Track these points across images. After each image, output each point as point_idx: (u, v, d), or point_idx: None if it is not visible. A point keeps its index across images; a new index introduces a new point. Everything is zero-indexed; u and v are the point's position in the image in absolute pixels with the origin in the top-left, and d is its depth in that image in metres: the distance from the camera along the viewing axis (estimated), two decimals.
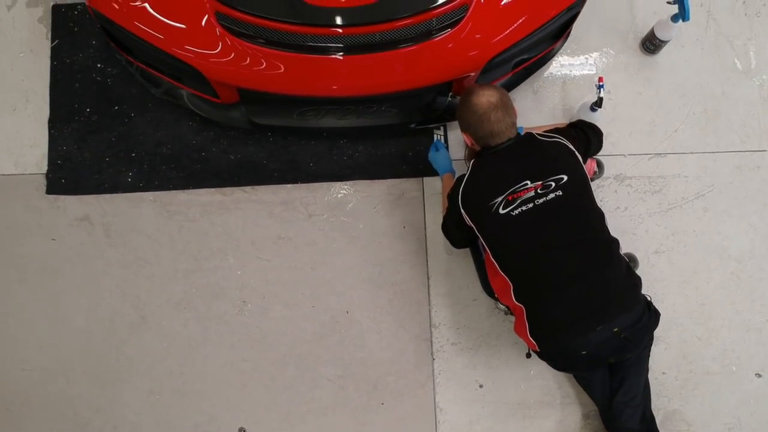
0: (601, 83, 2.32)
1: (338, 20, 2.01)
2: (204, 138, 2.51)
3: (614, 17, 2.63)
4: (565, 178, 1.88)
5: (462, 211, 1.97)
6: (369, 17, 2.01)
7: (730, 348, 2.42)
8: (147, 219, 2.45)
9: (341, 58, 2.06)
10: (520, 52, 2.22)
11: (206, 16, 2.04)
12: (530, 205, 1.87)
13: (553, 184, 1.88)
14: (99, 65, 2.55)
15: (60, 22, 2.58)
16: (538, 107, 2.56)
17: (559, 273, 1.86)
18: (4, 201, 2.47)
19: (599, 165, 2.41)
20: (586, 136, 2.07)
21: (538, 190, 1.88)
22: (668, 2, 2.35)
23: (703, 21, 2.63)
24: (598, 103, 2.31)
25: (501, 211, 1.89)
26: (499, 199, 1.89)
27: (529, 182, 1.89)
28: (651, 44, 2.54)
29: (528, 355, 2.10)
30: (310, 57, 2.06)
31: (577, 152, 1.94)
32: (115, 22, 2.09)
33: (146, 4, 2.07)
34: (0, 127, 2.52)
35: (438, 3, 2.02)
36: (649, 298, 1.95)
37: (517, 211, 1.88)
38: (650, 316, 1.91)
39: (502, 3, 2.09)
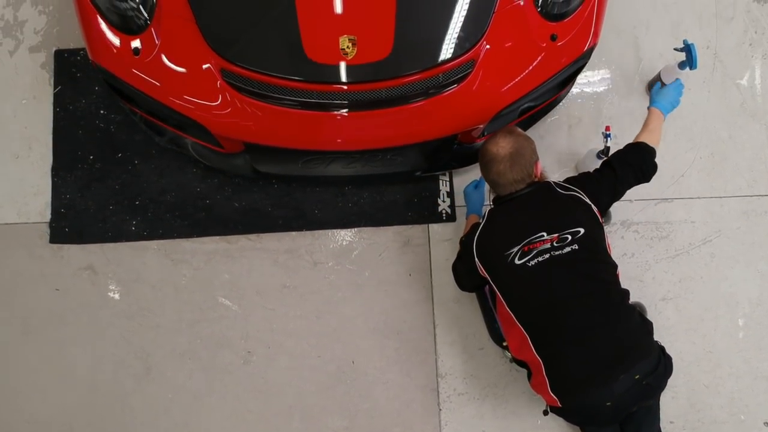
0: (608, 132, 2.31)
1: (343, 78, 1.99)
2: (208, 185, 2.49)
3: (620, 60, 2.61)
4: (582, 231, 1.88)
5: (476, 260, 1.96)
6: (374, 75, 1.99)
7: (738, 397, 2.40)
8: (151, 268, 2.44)
9: (346, 114, 2.05)
10: (526, 102, 2.21)
11: (211, 73, 2.02)
12: (546, 256, 1.87)
13: (570, 237, 1.87)
14: (102, 111, 2.54)
15: (63, 67, 2.57)
16: (544, 152, 2.51)
17: (577, 325, 1.86)
18: (7, 250, 2.46)
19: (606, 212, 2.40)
20: (613, 177, 1.98)
21: (554, 243, 1.87)
22: (675, 49, 2.33)
23: (710, 63, 2.62)
24: (605, 152, 2.30)
25: (517, 262, 1.88)
26: (515, 249, 1.89)
27: (545, 234, 1.88)
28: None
29: (545, 413, 2.08)
30: (316, 113, 2.05)
31: (593, 206, 1.93)
32: (119, 77, 2.08)
33: (151, 60, 2.06)
34: (3, 175, 2.51)
35: (444, 59, 2.01)
36: (660, 343, 1.95)
37: (533, 262, 1.87)
38: (666, 360, 1.93)
39: (509, 57, 2.08)
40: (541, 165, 2.03)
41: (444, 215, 2.49)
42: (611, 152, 2.22)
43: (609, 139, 2.28)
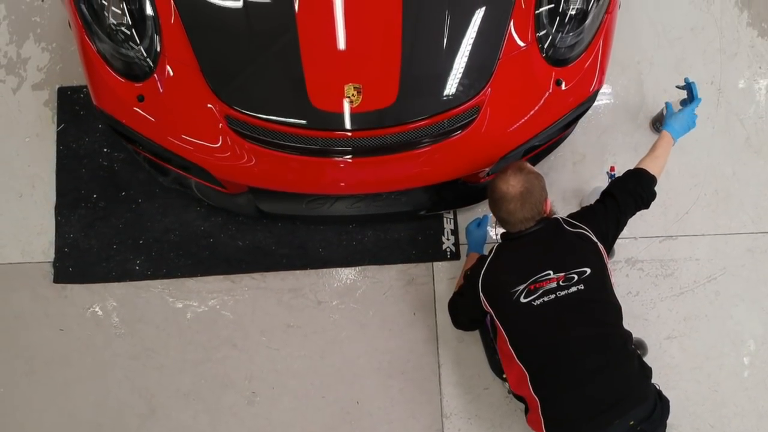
0: (612, 172, 2.32)
1: (348, 125, 1.99)
2: (212, 224, 2.49)
3: (624, 96, 2.61)
4: (588, 271, 1.87)
5: (481, 295, 1.96)
6: (379, 122, 1.99)
7: None
8: (155, 308, 2.43)
9: (350, 160, 2.04)
10: (531, 144, 2.20)
11: (216, 119, 2.02)
12: (552, 296, 1.86)
13: (576, 276, 1.87)
14: (105, 149, 2.53)
15: (66, 105, 2.57)
16: (547, 189, 2.53)
17: (578, 367, 1.85)
18: (11, 290, 2.45)
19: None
20: (616, 208, 1.98)
21: (561, 282, 1.87)
22: (677, 87, 2.33)
23: (714, 99, 2.62)
24: None
25: (522, 300, 1.88)
26: (522, 287, 1.88)
27: (551, 272, 1.87)
28: (661, 125, 2.52)
29: None
30: (321, 160, 2.05)
31: (600, 244, 1.92)
32: (124, 123, 2.08)
33: (155, 106, 2.05)
34: (7, 214, 2.51)
35: (449, 105, 2.00)
36: (657, 387, 1.94)
37: (538, 302, 1.86)
38: (662, 405, 1.91)
39: (514, 103, 2.07)
40: (551, 201, 2.02)
41: (448, 253, 2.49)
42: None
43: (614, 178, 2.27)
